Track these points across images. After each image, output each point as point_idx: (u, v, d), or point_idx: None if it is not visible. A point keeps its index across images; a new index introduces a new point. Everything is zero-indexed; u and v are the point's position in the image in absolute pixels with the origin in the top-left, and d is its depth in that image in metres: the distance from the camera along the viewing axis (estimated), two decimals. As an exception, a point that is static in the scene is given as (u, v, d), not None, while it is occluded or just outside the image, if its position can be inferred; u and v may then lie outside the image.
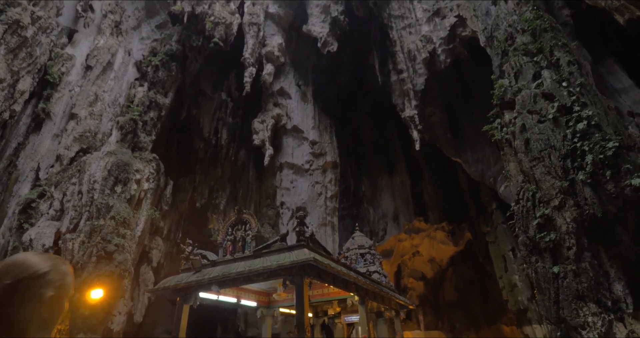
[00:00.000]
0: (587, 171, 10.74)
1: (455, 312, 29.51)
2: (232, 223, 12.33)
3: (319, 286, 14.04)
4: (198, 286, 11.34)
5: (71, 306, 15.78)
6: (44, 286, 1.01)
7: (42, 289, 1.01)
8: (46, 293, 1.02)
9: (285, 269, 10.11)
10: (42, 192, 20.21)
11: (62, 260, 1.22)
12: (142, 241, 19.25)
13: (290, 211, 26.20)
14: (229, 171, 30.03)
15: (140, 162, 20.73)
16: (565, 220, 11.21)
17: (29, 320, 0.96)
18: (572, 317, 10.52)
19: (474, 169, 22.43)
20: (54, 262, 1.15)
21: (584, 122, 11.30)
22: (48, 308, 1.02)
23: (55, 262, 1.18)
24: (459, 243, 29.10)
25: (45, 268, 1.07)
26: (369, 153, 30.97)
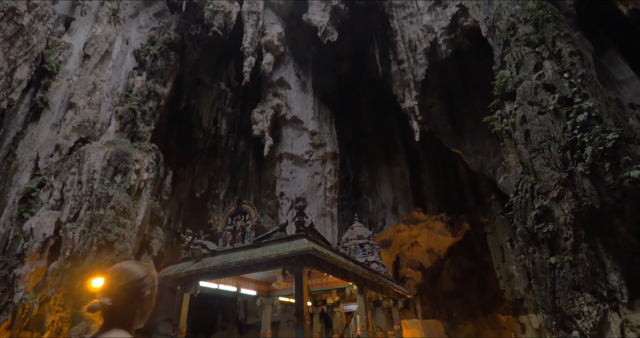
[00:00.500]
0: (587, 163, 10.77)
1: (452, 301, 29.88)
2: (232, 213, 12.38)
3: (318, 275, 14.18)
4: (198, 275, 11.44)
5: (73, 294, 15.95)
6: (143, 287, 1.35)
7: (142, 289, 1.35)
8: (145, 293, 1.38)
9: (285, 259, 10.19)
10: (42, 181, 20.22)
11: (152, 267, 1.49)
12: (142, 231, 19.36)
13: (290, 201, 26.28)
14: (228, 161, 30.03)
15: (140, 152, 20.70)
16: (563, 211, 11.28)
17: (134, 311, 1.31)
18: (567, 306, 10.68)
19: (474, 160, 22.45)
20: (147, 269, 1.45)
21: (585, 114, 11.28)
22: (145, 303, 1.38)
23: (148, 268, 1.49)
24: (457, 234, 29.31)
25: (143, 274, 1.39)
26: (368, 144, 30.94)
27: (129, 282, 1.27)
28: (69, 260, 16.64)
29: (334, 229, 25.98)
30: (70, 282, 16.14)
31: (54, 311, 15.98)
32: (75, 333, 15.18)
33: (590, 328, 10.18)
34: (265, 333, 14.14)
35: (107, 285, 1.29)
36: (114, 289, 1.25)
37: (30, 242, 17.80)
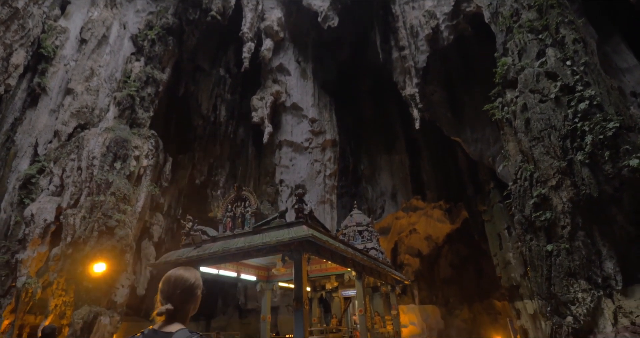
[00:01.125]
0: (586, 151, 10.77)
1: (449, 287, 30.33)
2: (232, 200, 12.44)
3: (317, 261, 14.36)
4: (199, 261, 11.57)
5: (75, 279, 16.17)
6: (195, 289, 1.67)
7: (194, 291, 1.67)
8: (197, 293, 1.70)
9: (284, 245, 10.30)
10: (42, 167, 20.22)
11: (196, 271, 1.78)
12: (142, 217, 19.48)
13: (290, 189, 26.36)
14: (228, 148, 29.98)
15: (139, 138, 20.64)
16: (561, 199, 11.35)
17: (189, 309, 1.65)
18: (562, 293, 10.86)
19: (473, 149, 22.44)
20: (195, 274, 1.75)
21: (586, 102, 11.22)
22: (197, 301, 1.72)
23: (195, 273, 1.79)
24: (455, 222, 29.53)
25: (193, 279, 1.70)
26: (368, 131, 30.84)
27: (185, 288, 1.57)
28: (71, 245, 16.80)
29: (333, 216, 26.15)
30: (72, 267, 16.34)
31: (57, 295, 16.22)
32: (78, 316, 15.44)
33: (584, 314, 10.38)
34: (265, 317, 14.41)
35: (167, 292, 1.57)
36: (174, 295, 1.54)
37: (31, 227, 17.92)
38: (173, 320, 1.51)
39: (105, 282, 16.58)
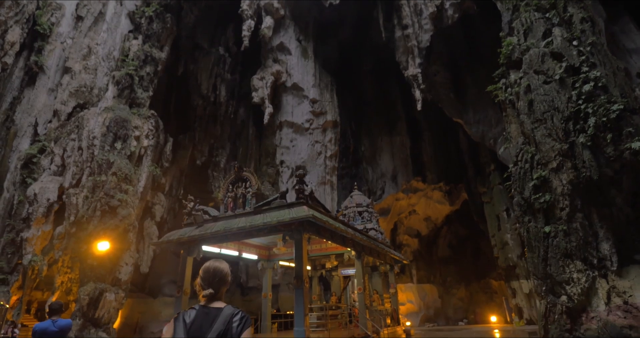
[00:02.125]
0: (589, 134, 10.72)
1: (447, 267, 30.88)
2: (233, 180, 12.50)
3: (318, 241, 14.58)
4: (201, 240, 11.76)
5: (80, 257, 16.47)
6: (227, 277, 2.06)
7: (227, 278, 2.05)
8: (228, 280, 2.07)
9: (285, 225, 10.42)
10: (42, 147, 20.22)
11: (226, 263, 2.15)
12: (144, 197, 19.62)
13: (290, 170, 26.42)
14: (228, 129, 29.85)
15: (139, 118, 20.52)
16: (561, 182, 11.38)
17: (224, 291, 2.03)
18: (558, 273, 11.05)
19: (475, 130, 22.31)
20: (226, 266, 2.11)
21: (591, 84, 11.07)
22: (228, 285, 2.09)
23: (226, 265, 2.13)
24: (454, 203, 29.74)
25: (226, 270, 2.06)
26: (369, 112, 30.58)
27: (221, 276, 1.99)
28: (74, 224, 17.01)
29: (334, 197, 26.32)
30: (76, 245, 16.60)
31: (63, 272, 16.57)
32: (84, 293, 15.82)
33: (578, 294, 10.60)
34: (266, 295, 14.77)
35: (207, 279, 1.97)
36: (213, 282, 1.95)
37: (35, 206, 18.10)
38: (214, 299, 1.89)
39: (109, 260, 16.88)
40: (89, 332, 15.58)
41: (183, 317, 1.65)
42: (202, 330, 1.50)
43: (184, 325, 1.59)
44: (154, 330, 22.07)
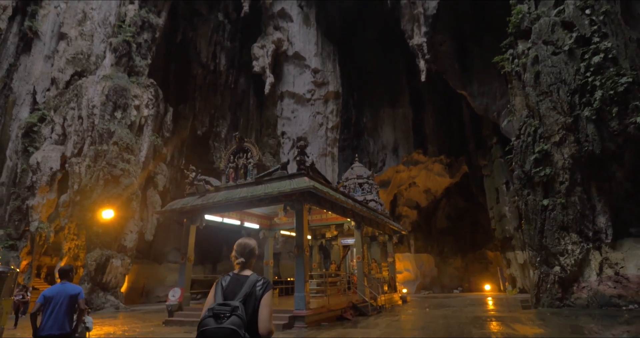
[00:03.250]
0: (594, 107, 10.57)
1: (444, 238, 31.52)
2: (234, 151, 12.52)
3: (318, 212, 14.81)
4: (203, 209, 11.95)
5: (85, 224, 16.83)
6: (255, 250, 2.29)
7: (255, 251, 2.28)
8: (255, 253, 2.30)
9: (286, 196, 10.56)
10: (42, 116, 20.08)
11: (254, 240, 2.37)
12: (146, 166, 19.73)
13: (291, 141, 26.35)
14: (229, 99, 29.45)
15: (138, 87, 20.21)
16: (562, 155, 11.37)
17: (252, 261, 2.26)
18: (553, 244, 11.31)
19: (479, 103, 21.98)
20: (254, 241, 2.33)
21: (600, 55, 10.77)
22: (255, 258, 2.30)
23: (254, 241, 2.35)
24: (455, 176, 29.86)
25: (253, 244, 2.29)
26: (372, 83, 30.00)
27: (250, 249, 2.23)
28: (78, 193, 17.24)
29: (334, 169, 26.43)
30: (81, 213, 16.92)
31: (69, 239, 16.99)
32: (91, 259, 16.32)
33: (571, 265, 10.90)
34: (268, 262, 15.22)
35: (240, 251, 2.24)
36: (244, 253, 2.22)
37: (38, 175, 18.26)
38: (244, 268, 2.17)
39: (114, 228, 17.26)
40: (97, 296, 16.22)
41: (221, 281, 2.04)
42: (234, 292, 1.92)
43: (222, 288, 1.99)
44: (159, 294, 22.94)
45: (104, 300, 16.29)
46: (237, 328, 1.69)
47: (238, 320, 1.73)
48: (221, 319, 1.75)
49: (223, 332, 1.68)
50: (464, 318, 10.04)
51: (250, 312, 1.85)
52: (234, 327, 1.68)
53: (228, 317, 1.74)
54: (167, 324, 10.55)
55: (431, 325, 8.92)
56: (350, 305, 11.87)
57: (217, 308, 1.80)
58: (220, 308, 1.80)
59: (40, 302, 3.89)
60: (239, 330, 1.69)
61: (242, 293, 1.89)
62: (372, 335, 7.71)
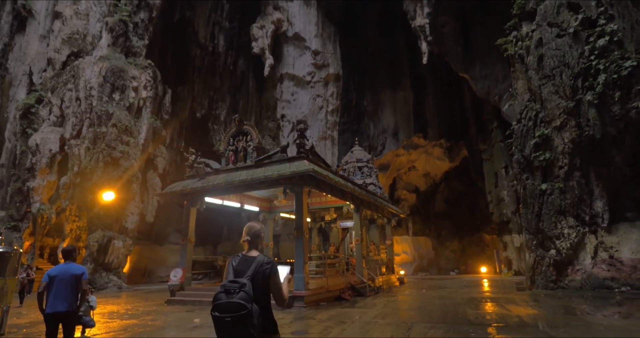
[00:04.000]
0: (597, 91, 10.47)
1: (442, 221, 31.83)
2: (234, 133, 12.48)
3: (317, 195, 14.90)
4: (203, 191, 12.02)
5: (86, 206, 16.95)
6: (260, 232, 2.42)
7: (260, 233, 2.41)
8: (261, 235, 2.43)
9: (286, 179, 10.60)
10: (40, 97, 19.90)
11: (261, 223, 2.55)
12: (146, 149, 19.69)
13: (291, 124, 26.21)
14: (228, 81, 29.11)
15: (136, 68, 19.93)
16: (563, 140, 11.35)
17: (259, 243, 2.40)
18: (550, 228, 11.44)
19: (481, 86, 21.75)
20: (260, 225, 2.48)
21: (606, 38, 10.59)
22: (262, 239, 2.45)
23: (261, 224, 2.50)
24: (454, 160, 29.88)
25: (259, 227, 2.43)
26: (373, 66, 29.58)
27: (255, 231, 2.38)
28: (78, 175, 17.28)
29: (334, 152, 26.41)
30: (82, 195, 17.01)
31: (71, 220, 17.15)
32: (93, 240, 16.52)
33: (567, 248, 11.06)
34: (267, 244, 15.41)
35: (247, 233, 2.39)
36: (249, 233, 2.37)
37: (38, 157, 18.26)
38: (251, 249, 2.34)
39: (115, 209, 17.39)
40: (100, 276, 16.52)
41: (232, 260, 2.27)
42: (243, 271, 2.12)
43: (232, 267, 2.21)
44: (161, 274, 23.35)
45: (107, 280, 16.60)
46: (245, 302, 1.91)
47: (245, 296, 1.94)
48: (231, 294, 1.96)
49: (233, 305, 1.91)
50: (460, 299, 10.27)
51: (259, 289, 2.07)
52: (242, 301, 1.91)
53: (237, 292, 1.96)
54: (169, 303, 10.80)
55: (427, 306, 9.14)
56: (349, 286, 12.10)
57: (228, 285, 2.01)
58: (230, 285, 2.01)
59: (45, 281, 3.99)
60: (247, 303, 1.91)
61: (249, 272, 2.10)
62: (369, 314, 7.90)
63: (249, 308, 1.91)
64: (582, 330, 5.61)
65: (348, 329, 6.26)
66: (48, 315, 3.88)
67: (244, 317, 1.89)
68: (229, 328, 1.92)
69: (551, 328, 5.75)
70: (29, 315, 9.18)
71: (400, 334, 5.67)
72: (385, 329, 6.13)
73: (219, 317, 1.92)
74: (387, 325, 6.56)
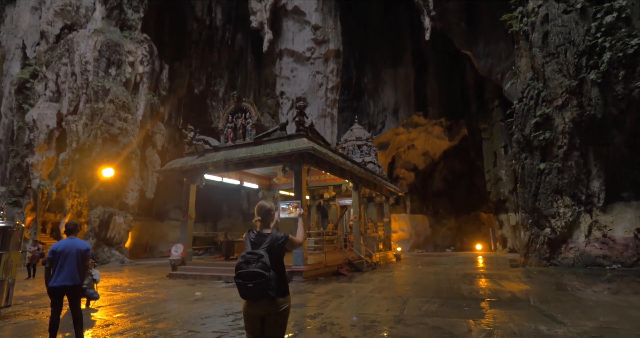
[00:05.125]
0: (601, 70, 10.32)
1: (440, 200, 32.15)
2: (232, 110, 12.37)
3: (317, 173, 14.96)
4: (202, 169, 12.05)
5: (86, 182, 17.02)
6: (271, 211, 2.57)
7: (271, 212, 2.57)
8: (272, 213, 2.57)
9: (285, 156, 10.61)
10: (34, 71, 19.54)
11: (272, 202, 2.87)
12: (144, 125, 19.55)
13: (290, 101, 25.92)
14: (226, 56, 28.52)
15: (131, 42, 19.47)
16: (563, 119, 11.30)
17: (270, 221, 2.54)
18: (546, 207, 11.58)
19: (483, 64, 21.38)
20: (271, 204, 2.65)
21: (613, 15, 10.32)
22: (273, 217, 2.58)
23: (271, 203, 2.66)
24: (454, 139, 29.83)
25: (269, 206, 2.59)
26: (374, 42, 28.93)
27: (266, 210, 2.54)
28: (77, 151, 17.24)
29: (334, 130, 26.26)
30: (81, 171, 17.04)
31: (72, 196, 17.27)
32: (95, 216, 16.69)
33: (562, 227, 11.24)
34: (267, 221, 15.61)
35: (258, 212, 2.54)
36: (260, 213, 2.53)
37: (35, 133, 18.14)
38: (264, 227, 2.53)
39: (115, 186, 17.47)
40: (102, 250, 16.81)
41: (249, 235, 2.51)
42: (259, 244, 2.40)
43: (250, 241, 2.46)
44: (162, 249, 23.77)
45: (109, 254, 16.91)
46: (264, 271, 2.20)
47: (263, 265, 2.23)
48: (250, 264, 2.26)
49: (253, 273, 2.20)
50: (454, 275, 10.53)
51: (274, 259, 2.36)
52: (261, 270, 2.20)
53: (256, 262, 2.25)
54: (171, 277, 11.06)
55: (423, 281, 9.38)
56: (346, 261, 12.37)
57: (247, 256, 2.30)
58: (249, 256, 2.30)
59: (50, 256, 4.08)
60: (265, 272, 2.21)
61: (265, 244, 2.37)
62: (366, 289, 8.13)
63: (267, 276, 2.20)
64: (572, 304, 5.80)
65: (345, 303, 6.45)
66: (54, 288, 3.99)
67: (263, 283, 2.19)
68: (251, 292, 2.24)
69: (542, 303, 5.94)
70: (35, 288, 9.42)
71: (396, 308, 5.86)
72: (382, 303, 6.33)
73: (242, 283, 2.23)
74: (383, 299, 6.76)
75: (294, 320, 5.08)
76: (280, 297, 2.33)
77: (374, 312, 5.59)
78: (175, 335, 4.42)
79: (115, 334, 4.55)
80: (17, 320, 5.56)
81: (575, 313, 5.14)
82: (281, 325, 2.35)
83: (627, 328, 4.28)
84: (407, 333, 4.27)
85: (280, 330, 2.35)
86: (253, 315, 2.34)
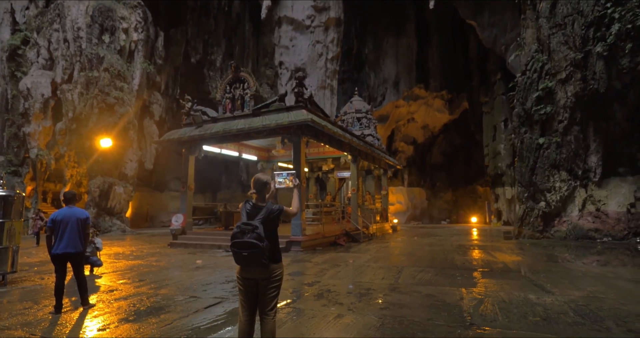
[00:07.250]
0: (608, 42, 10.08)
1: (438, 173, 32.33)
2: (230, 81, 12.15)
3: (315, 145, 14.93)
4: (201, 140, 12.00)
5: (84, 152, 16.98)
6: (267, 184, 2.59)
7: (267, 185, 2.59)
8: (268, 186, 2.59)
9: (284, 128, 10.54)
10: (25, 37, 18.95)
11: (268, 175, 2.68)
12: (140, 95, 19.24)
13: (289, 72, 25.38)
14: (223, 24, 27.58)
15: (125, 8, 18.75)
16: (566, 93, 11.16)
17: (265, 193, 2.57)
18: (542, 181, 11.69)
19: (487, 34, 20.81)
20: (267, 176, 2.66)
21: (625, -17, 9.94)
22: (269, 190, 2.60)
23: (267, 176, 2.67)
24: (454, 112, 29.56)
25: (265, 179, 2.61)
26: (376, 10, 27.94)
27: (262, 183, 2.56)
28: (73, 121, 17.06)
29: (333, 102, 25.92)
30: (79, 141, 16.95)
31: (71, 166, 17.29)
32: (94, 185, 16.80)
33: (556, 201, 11.41)
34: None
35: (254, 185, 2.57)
36: (256, 186, 2.56)
37: (30, 101, 17.86)
38: (260, 200, 2.57)
39: (114, 156, 17.45)
40: (104, 219, 17.06)
41: (245, 206, 2.59)
42: (254, 215, 2.48)
43: (246, 211, 2.54)
44: (163, 219, 24.13)
45: (111, 223, 17.17)
46: (257, 242, 2.30)
47: (257, 236, 2.32)
48: (245, 234, 2.34)
49: (247, 243, 2.30)
50: (449, 246, 10.80)
51: (268, 230, 2.44)
52: (255, 241, 2.29)
53: (251, 232, 2.33)
54: (172, 246, 11.31)
55: (417, 251, 9.63)
56: (344, 232, 12.63)
57: (242, 226, 2.38)
58: (244, 226, 2.37)
59: (49, 225, 4.15)
60: (259, 242, 2.30)
61: (260, 216, 2.45)
62: (362, 258, 8.35)
63: (261, 246, 2.30)
64: (561, 275, 6.00)
65: (342, 271, 6.65)
66: (57, 255, 4.10)
67: (257, 252, 2.30)
68: (246, 260, 2.36)
69: (532, 274, 6.14)
70: (39, 255, 9.64)
71: (391, 277, 6.05)
72: (377, 272, 6.53)
73: (237, 251, 2.35)
74: (379, 268, 6.97)
75: (292, 287, 5.26)
76: (273, 263, 2.44)
77: (370, 280, 5.78)
78: (178, 300, 4.59)
79: (119, 299, 4.72)
80: (23, 285, 5.73)
81: (563, 283, 5.32)
82: (274, 288, 2.46)
83: (613, 298, 4.45)
84: (401, 300, 4.44)
85: (274, 293, 2.46)
86: (247, 278, 2.45)
